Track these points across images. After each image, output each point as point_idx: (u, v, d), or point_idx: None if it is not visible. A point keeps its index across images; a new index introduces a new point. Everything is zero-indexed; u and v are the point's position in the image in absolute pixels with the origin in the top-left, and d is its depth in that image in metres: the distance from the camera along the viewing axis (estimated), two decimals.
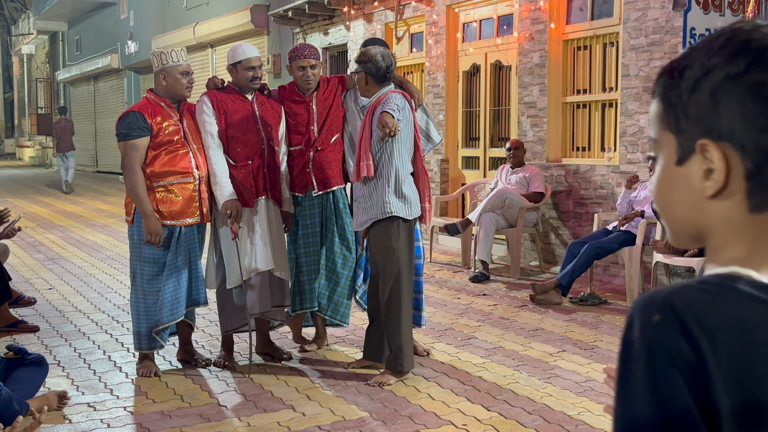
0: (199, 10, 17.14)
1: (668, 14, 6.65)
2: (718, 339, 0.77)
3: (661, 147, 0.91)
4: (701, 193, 0.86)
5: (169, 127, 4.38)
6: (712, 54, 0.85)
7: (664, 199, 0.92)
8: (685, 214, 0.90)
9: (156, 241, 4.31)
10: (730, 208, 0.85)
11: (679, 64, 0.89)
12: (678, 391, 0.77)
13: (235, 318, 4.64)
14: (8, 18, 37.88)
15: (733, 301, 0.80)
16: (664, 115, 0.89)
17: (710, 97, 0.84)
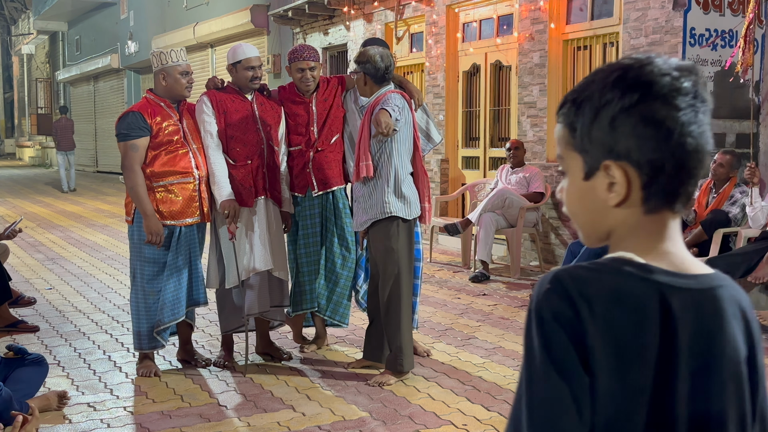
0: (199, 10, 17.14)
1: (668, 14, 6.65)
2: (595, 304, 1.00)
3: (569, 164, 1.10)
4: (606, 202, 1.06)
5: (169, 127, 4.38)
6: (608, 88, 1.03)
7: (574, 207, 1.12)
8: (593, 219, 1.10)
9: (156, 241, 4.31)
10: (630, 213, 1.06)
11: (580, 96, 1.07)
12: (560, 341, 0.99)
13: (235, 318, 4.64)
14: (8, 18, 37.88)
15: (612, 277, 1.03)
16: (570, 137, 1.08)
17: (609, 125, 1.03)
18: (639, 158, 1.03)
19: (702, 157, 1.11)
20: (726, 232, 5.74)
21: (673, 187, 1.05)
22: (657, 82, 1.03)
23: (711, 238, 5.72)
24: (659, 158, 1.03)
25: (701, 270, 1.08)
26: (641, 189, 1.04)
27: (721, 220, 5.76)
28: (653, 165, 1.03)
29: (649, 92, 1.02)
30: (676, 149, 1.05)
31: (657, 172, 1.04)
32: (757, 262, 5.22)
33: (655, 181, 1.04)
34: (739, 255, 5.35)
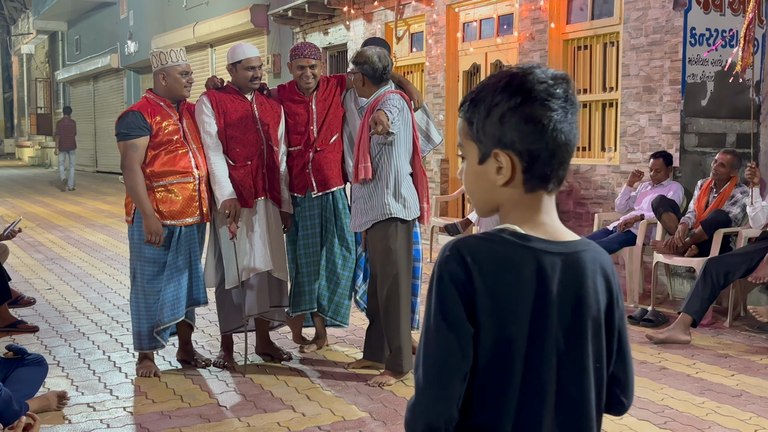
0: (199, 9, 17.14)
1: (668, 14, 6.65)
2: (484, 266, 1.28)
3: (467, 151, 1.38)
4: (495, 183, 1.34)
5: (169, 126, 4.38)
6: (498, 92, 1.30)
7: (471, 186, 1.40)
8: (485, 196, 1.38)
9: (156, 240, 4.31)
10: (513, 192, 1.34)
11: (477, 96, 1.34)
12: (454, 298, 1.27)
13: (235, 318, 4.63)
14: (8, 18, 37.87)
15: (498, 245, 1.31)
16: (468, 129, 1.36)
17: (498, 121, 1.30)
18: (521, 148, 1.30)
19: (570, 148, 1.33)
20: (726, 232, 5.74)
21: (547, 172, 1.32)
22: (535, 88, 1.29)
23: (711, 238, 5.71)
24: (536, 148, 1.30)
25: (570, 237, 1.35)
26: (522, 172, 1.32)
27: (721, 220, 5.75)
28: (532, 154, 1.30)
29: (529, 96, 1.29)
30: (550, 142, 1.30)
31: (535, 160, 1.31)
32: (758, 262, 5.22)
33: (533, 166, 1.31)
34: (739, 255, 5.35)
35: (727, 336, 5.29)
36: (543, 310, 1.30)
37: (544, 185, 1.34)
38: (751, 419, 3.76)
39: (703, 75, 6.67)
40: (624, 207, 6.68)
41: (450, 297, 1.28)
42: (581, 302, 1.33)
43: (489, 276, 1.28)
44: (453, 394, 1.29)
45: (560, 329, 1.32)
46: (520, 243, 1.31)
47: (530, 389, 1.31)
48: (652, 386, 4.24)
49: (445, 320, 1.28)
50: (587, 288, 1.34)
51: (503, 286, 1.29)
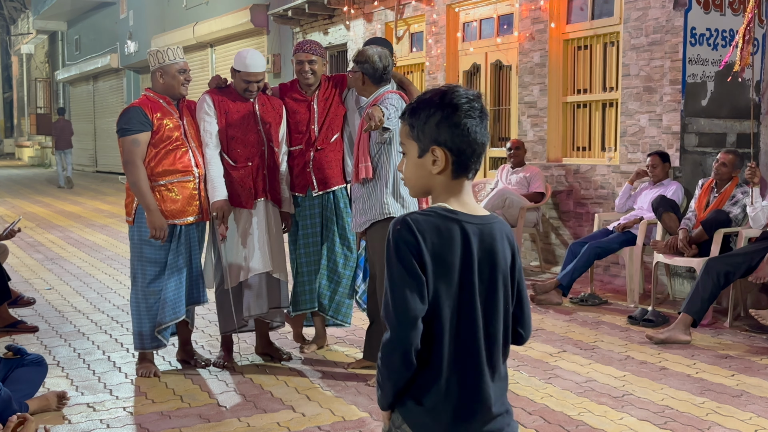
0: (199, 9, 17.13)
1: (669, 14, 6.64)
2: (426, 234, 1.72)
3: (408, 148, 1.83)
4: (431, 172, 1.79)
5: (170, 123, 4.37)
6: (433, 105, 1.77)
7: (410, 174, 1.83)
8: (422, 182, 1.82)
9: (160, 236, 4.29)
10: (444, 179, 1.79)
11: (416, 107, 1.79)
12: (409, 258, 1.71)
13: (234, 319, 4.63)
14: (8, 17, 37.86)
15: (435, 218, 1.75)
16: (410, 132, 1.81)
17: (435, 126, 1.76)
18: (451, 146, 1.77)
19: (484, 147, 1.81)
20: (727, 232, 5.74)
21: (469, 163, 1.79)
22: (461, 103, 1.76)
23: (711, 238, 5.71)
24: (462, 147, 1.77)
25: (483, 213, 1.83)
26: (451, 164, 1.78)
27: (721, 220, 5.75)
28: (459, 150, 1.77)
29: (456, 109, 1.76)
30: (471, 141, 1.77)
31: (461, 154, 1.78)
32: (758, 262, 5.22)
33: (460, 159, 1.78)
34: (739, 255, 5.35)
35: (727, 336, 5.28)
36: (469, 265, 1.76)
37: (466, 173, 1.82)
38: (751, 419, 3.76)
39: (704, 75, 6.67)
40: (623, 207, 6.67)
41: (407, 257, 1.71)
42: (494, 260, 1.80)
43: (430, 241, 1.73)
44: (418, 329, 1.73)
45: (481, 280, 1.78)
46: (450, 216, 1.77)
47: (464, 326, 1.77)
48: (652, 386, 4.24)
49: (407, 275, 1.71)
50: (498, 249, 1.80)
51: (440, 248, 1.74)
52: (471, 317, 1.76)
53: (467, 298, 1.76)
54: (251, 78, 4.46)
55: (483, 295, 1.78)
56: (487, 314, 1.78)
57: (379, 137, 4.15)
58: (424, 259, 1.72)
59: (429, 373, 1.76)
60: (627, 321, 5.66)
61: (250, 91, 4.49)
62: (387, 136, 4.16)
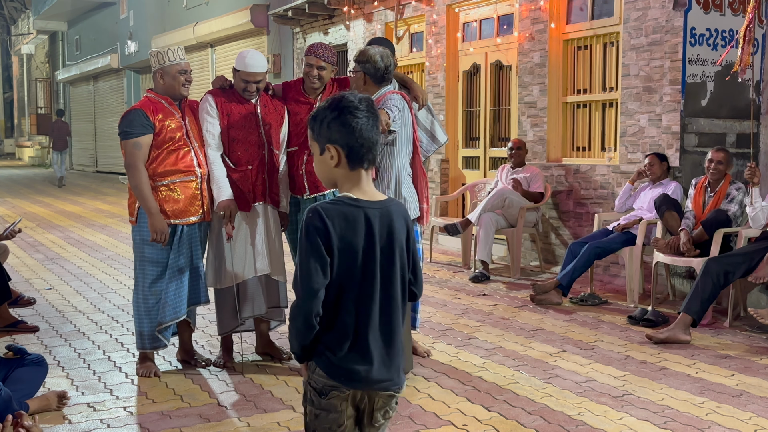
0: (199, 9, 17.14)
1: (668, 14, 6.65)
2: (335, 221, 2.09)
3: (314, 148, 2.21)
4: (331, 165, 2.17)
5: (172, 124, 4.37)
6: (327, 110, 2.15)
7: (318, 169, 2.23)
8: (327, 175, 2.21)
9: (161, 239, 4.30)
10: (343, 170, 2.17)
11: (316, 113, 2.18)
12: (316, 241, 2.07)
13: (233, 319, 4.63)
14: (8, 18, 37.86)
15: (341, 206, 2.12)
16: (312, 134, 2.20)
17: (327, 127, 2.14)
18: (342, 143, 2.16)
19: (373, 142, 2.19)
20: (727, 232, 5.74)
21: (361, 157, 2.17)
22: (347, 107, 2.15)
23: (711, 238, 5.71)
24: (350, 143, 2.15)
25: (382, 197, 2.21)
26: (346, 158, 2.16)
27: (722, 220, 5.75)
28: (350, 146, 2.16)
29: (342, 112, 2.15)
30: (359, 138, 2.15)
31: (352, 150, 2.16)
32: (758, 262, 5.22)
33: (352, 154, 2.16)
34: (739, 255, 5.35)
35: (727, 336, 5.29)
36: (372, 244, 2.15)
37: (362, 165, 2.18)
38: (751, 419, 3.76)
39: (703, 75, 6.68)
40: (623, 207, 6.68)
41: (315, 240, 2.09)
42: (393, 237, 2.19)
43: (338, 226, 2.11)
44: (319, 298, 2.12)
45: (382, 255, 2.17)
46: (354, 204, 2.15)
47: (365, 293, 2.16)
48: (652, 386, 4.24)
49: (313, 254, 2.10)
50: (395, 228, 2.20)
51: (347, 231, 2.12)
52: (372, 286, 2.16)
53: (369, 271, 2.16)
54: (250, 78, 4.45)
55: (383, 267, 2.18)
56: (386, 281, 2.18)
57: (384, 139, 4.15)
58: (332, 241, 2.10)
59: (340, 331, 2.16)
60: (627, 321, 5.66)
61: (249, 91, 4.49)
62: (391, 138, 4.16)
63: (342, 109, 2.14)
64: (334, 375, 2.17)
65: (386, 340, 2.20)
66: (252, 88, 4.48)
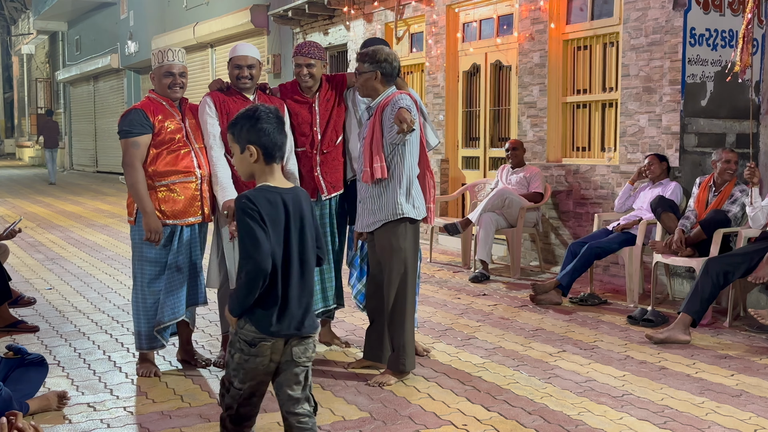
0: (199, 10, 17.14)
1: (668, 14, 6.65)
2: (261, 205, 2.70)
3: (234, 149, 2.84)
4: (250, 162, 2.80)
5: (171, 125, 4.38)
6: (244, 118, 2.81)
7: (239, 166, 2.87)
8: (247, 170, 2.83)
9: (155, 239, 4.31)
10: (260, 165, 2.81)
11: (235, 120, 2.82)
12: (255, 216, 2.68)
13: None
14: (8, 18, 37.86)
15: (264, 192, 2.75)
16: (233, 137, 2.83)
17: (246, 131, 2.79)
18: (258, 143, 2.76)
19: (280, 142, 2.81)
20: (726, 232, 5.74)
21: (273, 154, 2.78)
22: (259, 116, 2.78)
23: (710, 238, 5.72)
24: (264, 143, 2.76)
25: (290, 185, 2.81)
26: (263, 155, 2.77)
27: (720, 220, 5.75)
28: (263, 145, 2.76)
29: (257, 120, 2.77)
30: (269, 139, 2.77)
31: (265, 148, 2.76)
32: (758, 262, 5.22)
33: (267, 151, 2.77)
34: (739, 255, 5.35)
35: (726, 336, 5.29)
36: (288, 222, 2.74)
37: (274, 160, 2.80)
38: (750, 419, 3.76)
39: (703, 75, 6.68)
40: (623, 207, 6.68)
41: (254, 215, 2.65)
42: (303, 216, 2.80)
43: (264, 208, 2.68)
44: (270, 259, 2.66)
45: (295, 230, 2.77)
46: (273, 190, 2.75)
47: (286, 260, 2.74)
48: (651, 386, 4.24)
49: (257, 226, 2.65)
50: (304, 208, 2.81)
51: (271, 212, 2.70)
52: (291, 255, 2.75)
53: (288, 242, 2.75)
54: (241, 62, 4.48)
55: (299, 239, 2.78)
56: (301, 250, 2.78)
57: (400, 138, 4.16)
58: (264, 219, 2.66)
59: (268, 292, 2.72)
60: (626, 321, 5.66)
61: (242, 77, 4.49)
62: (407, 137, 4.17)
63: (258, 118, 2.76)
64: (263, 329, 2.72)
65: (303, 296, 2.80)
66: (245, 73, 4.48)
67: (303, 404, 2.84)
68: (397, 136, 4.12)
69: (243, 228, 2.65)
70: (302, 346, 2.80)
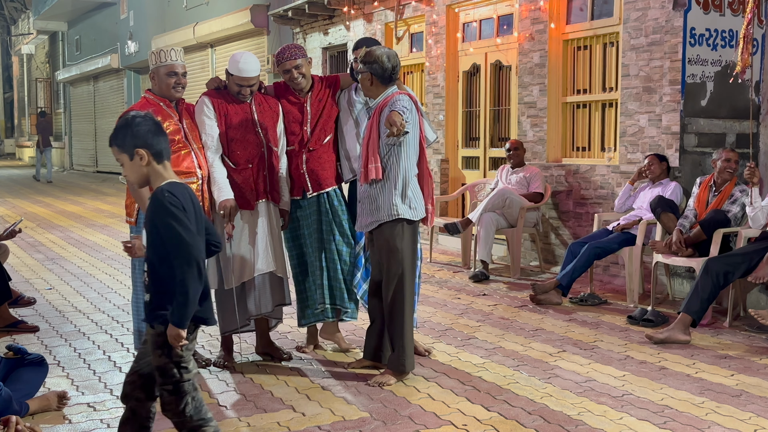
0: (199, 10, 17.13)
1: (668, 14, 6.65)
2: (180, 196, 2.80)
3: (121, 159, 2.91)
4: (142, 165, 2.87)
5: (170, 126, 4.38)
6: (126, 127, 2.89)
7: (130, 173, 2.91)
8: (141, 176, 2.90)
9: None
10: (153, 166, 2.89)
11: (116, 132, 2.91)
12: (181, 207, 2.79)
13: (234, 319, 4.63)
14: (8, 18, 37.86)
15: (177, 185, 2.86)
16: (118, 150, 2.91)
17: (131, 137, 2.87)
18: (145, 145, 2.85)
19: (159, 140, 2.89)
20: (726, 232, 5.74)
21: (161, 152, 2.88)
22: (136, 120, 2.87)
23: (710, 238, 5.72)
24: (150, 142, 2.86)
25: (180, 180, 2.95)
26: (152, 155, 2.86)
27: (720, 220, 5.75)
28: (150, 145, 2.86)
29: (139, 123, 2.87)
30: (152, 139, 2.86)
31: (153, 147, 2.87)
32: (757, 262, 5.22)
33: (154, 151, 2.87)
34: (739, 255, 5.35)
35: (726, 336, 5.29)
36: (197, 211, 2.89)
37: (164, 158, 2.89)
38: (750, 419, 3.76)
39: (703, 75, 6.68)
40: (623, 207, 6.68)
41: (182, 215, 2.75)
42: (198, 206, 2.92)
43: (183, 200, 2.79)
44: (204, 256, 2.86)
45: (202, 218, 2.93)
46: (179, 184, 2.87)
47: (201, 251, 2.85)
48: (651, 386, 4.25)
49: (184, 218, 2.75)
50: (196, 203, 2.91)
51: (187, 204, 2.81)
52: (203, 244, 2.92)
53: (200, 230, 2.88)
54: (244, 83, 4.48)
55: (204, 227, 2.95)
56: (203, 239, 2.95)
57: (395, 140, 4.15)
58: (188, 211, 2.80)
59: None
60: (626, 321, 5.66)
61: (243, 94, 4.52)
62: (402, 139, 4.17)
63: (136, 123, 2.86)
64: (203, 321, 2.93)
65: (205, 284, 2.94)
66: (246, 92, 4.51)
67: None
68: (389, 138, 4.12)
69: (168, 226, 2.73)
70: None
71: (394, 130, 4.00)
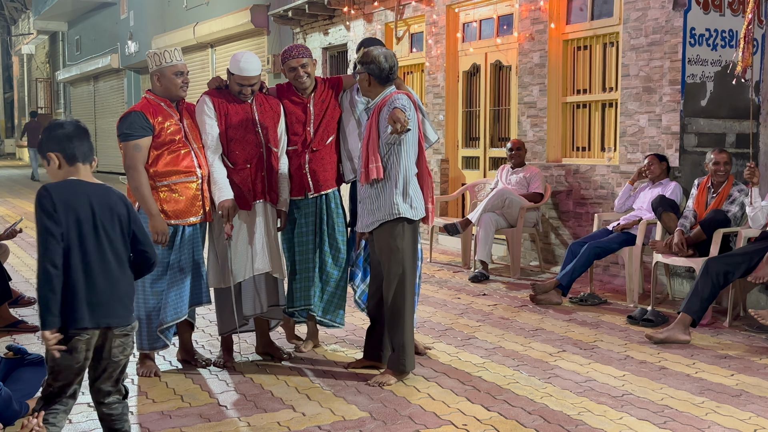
0: (199, 10, 17.14)
1: (668, 14, 6.65)
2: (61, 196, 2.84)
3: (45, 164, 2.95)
4: (56, 169, 2.93)
5: (171, 126, 4.38)
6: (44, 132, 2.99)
7: (49, 175, 2.94)
8: (56, 178, 2.92)
9: (162, 240, 4.31)
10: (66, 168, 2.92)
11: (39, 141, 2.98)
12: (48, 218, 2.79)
13: (233, 319, 4.64)
14: (8, 18, 37.87)
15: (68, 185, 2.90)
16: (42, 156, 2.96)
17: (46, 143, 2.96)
18: (57, 149, 2.91)
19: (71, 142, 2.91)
20: (726, 232, 5.74)
21: (74, 154, 2.90)
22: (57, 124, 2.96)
23: (710, 238, 5.72)
24: (61, 145, 2.90)
25: (98, 182, 2.95)
26: (64, 159, 2.90)
27: (719, 220, 5.76)
28: (60, 148, 2.90)
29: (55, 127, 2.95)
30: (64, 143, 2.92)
31: (64, 151, 2.90)
32: (757, 262, 5.22)
33: (66, 154, 2.91)
34: (738, 255, 5.35)
35: (726, 336, 5.29)
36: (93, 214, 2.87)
37: (77, 162, 2.91)
38: (750, 419, 3.77)
39: (703, 75, 6.68)
40: (623, 207, 6.68)
41: (47, 217, 2.78)
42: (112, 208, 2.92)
43: (63, 199, 2.81)
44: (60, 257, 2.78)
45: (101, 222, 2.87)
46: (77, 184, 2.89)
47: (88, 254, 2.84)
48: (651, 386, 4.25)
49: (47, 230, 2.77)
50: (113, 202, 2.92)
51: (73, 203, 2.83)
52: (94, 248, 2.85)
53: (90, 236, 2.83)
54: (245, 82, 4.48)
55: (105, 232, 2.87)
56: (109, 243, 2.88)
57: (395, 138, 4.15)
58: (59, 212, 2.78)
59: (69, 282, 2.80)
60: (626, 321, 5.67)
61: (244, 94, 4.52)
62: (403, 138, 4.17)
63: (51, 128, 2.93)
64: (71, 323, 2.80)
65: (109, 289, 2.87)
66: (247, 92, 4.50)
67: (114, 395, 2.99)
68: (392, 136, 4.12)
69: (37, 227, 2.80)
70: (120, 345, 2.93)
71: (397, 127, 4.00)
